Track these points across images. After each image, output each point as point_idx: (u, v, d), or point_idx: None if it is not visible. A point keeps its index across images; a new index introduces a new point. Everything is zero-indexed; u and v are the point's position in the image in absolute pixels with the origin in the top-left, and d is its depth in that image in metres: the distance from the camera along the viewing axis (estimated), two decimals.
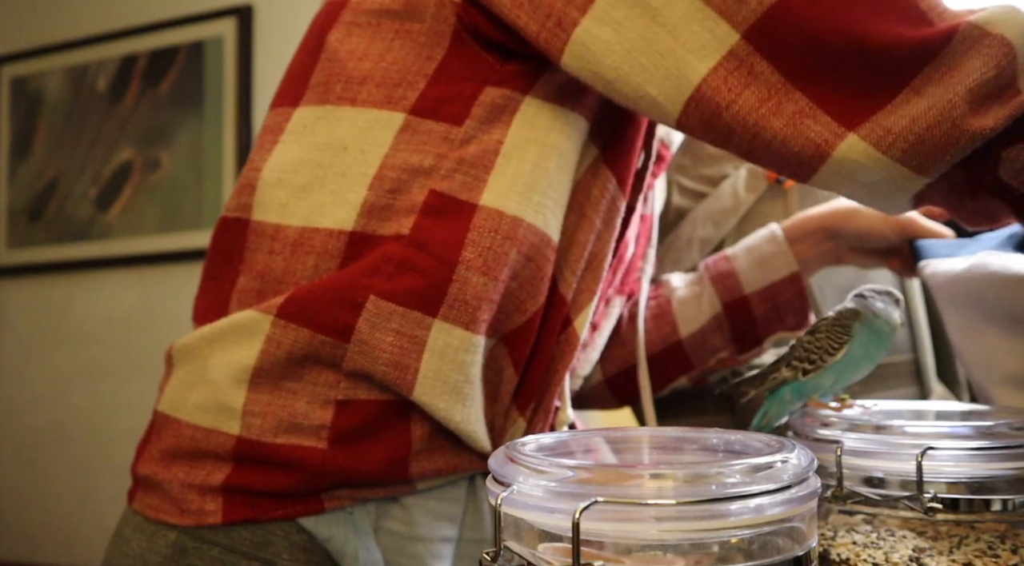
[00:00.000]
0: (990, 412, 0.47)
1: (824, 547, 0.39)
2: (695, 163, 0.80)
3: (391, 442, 0.52)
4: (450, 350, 0.50)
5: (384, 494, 0.53)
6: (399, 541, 0.54)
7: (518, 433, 0.57)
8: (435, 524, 0.55)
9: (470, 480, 0.57)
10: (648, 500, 0.27)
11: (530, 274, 0.52)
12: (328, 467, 0.50)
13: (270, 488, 0.50)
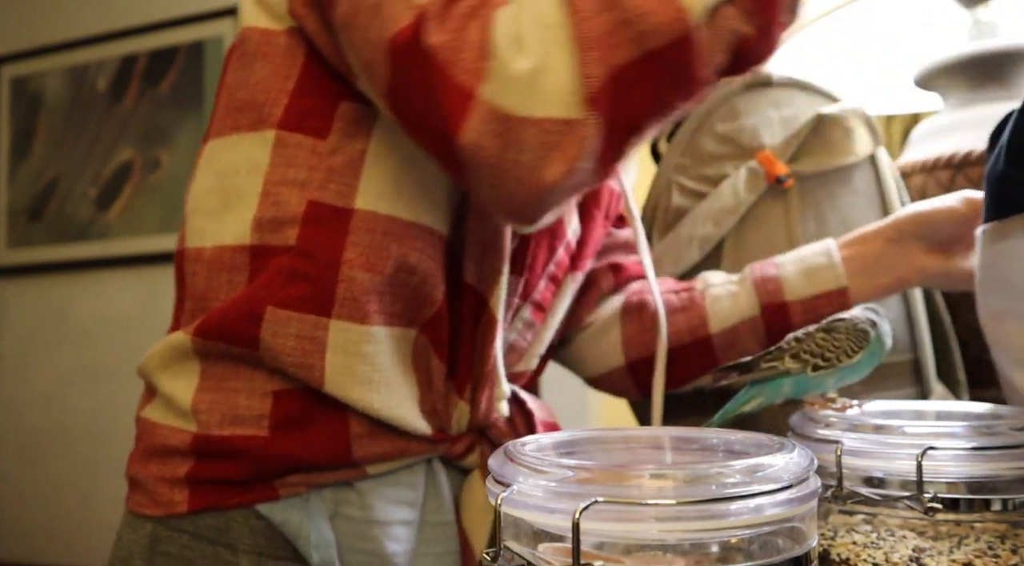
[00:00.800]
0: (990, 412, 0.48)
1: (824, 547, 0.39)
2: (695, 163, 0.80)
3: (330, 427, 0.56)
4: (351, 345, 0.55)
5: (335, 479, 0.57)
6: (356, 525, 0.57)
7: (463, 416, 0.60)
8: (392, 508, 0.59)
9: (427, 465, 0.61)
10: (648, 500, 0.27)
11: (423, 266, 0.56)
12: (272, 453, 0.55)
13: (226, 477, 0.55)
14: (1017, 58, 0.79)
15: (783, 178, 0.74)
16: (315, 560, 0.55)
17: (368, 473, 0.58)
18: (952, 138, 0.79)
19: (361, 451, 0.56)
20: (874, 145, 0.77)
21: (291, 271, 0.54)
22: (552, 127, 0.43)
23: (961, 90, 0.82)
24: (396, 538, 0.59)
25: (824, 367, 0.49)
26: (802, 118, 0.78)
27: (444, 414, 0.60)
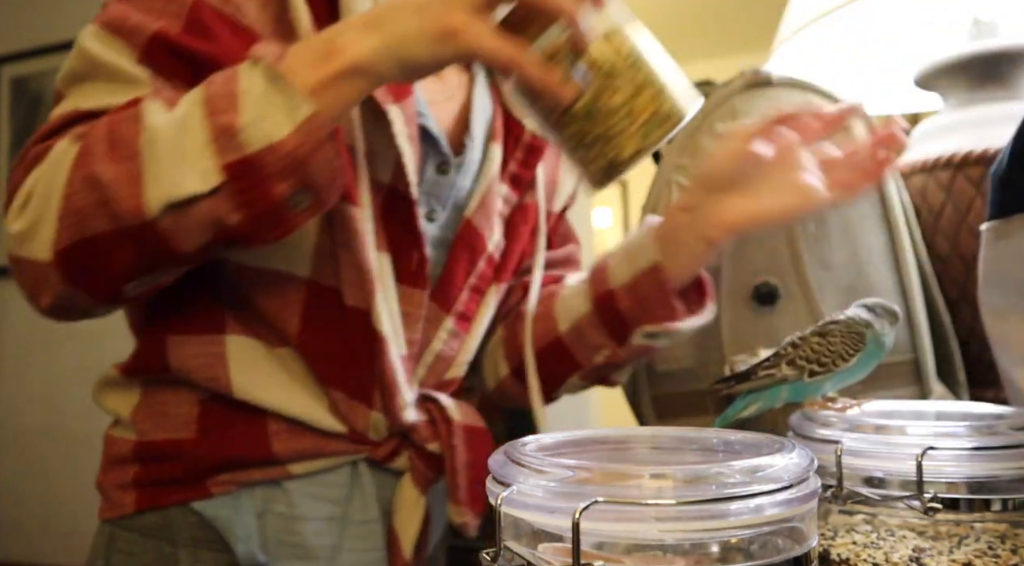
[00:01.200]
0: (990, 412, 0.47)
1: (824, 547, 0.39)
2: (695, 163, 0.80)
3: (250, 426, 0.62)
4: (250, 354, 0.62)
5: (262, 477, 0.62)
6: (283, 521, 0.63)
7: (380, 424, 0.65)
8: (317, 505, 0.64)
9: (353, 467, 0.66)
10: (648, 500, 0.27)
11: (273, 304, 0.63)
12: (201, 453, 0.61)
13: (165, 478, 0.62)
14: (1017, 58, 0.79)
15: None
16: (239, 550, 0.61)
17: (292, 472, 0.63)
18: (952, 138, 0.79)
19: (280, 447, 0.62)
20: None
21: (181, 302, 0.62)
22: (36, 267, 0.54)
23: (961, 90, 0.82)
24: (319, 532, 0.64)
25: (820, 372, 0.49)
26: None
27: (355, 420, 0.64)
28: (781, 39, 0.97)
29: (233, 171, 0.50)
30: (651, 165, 0.88)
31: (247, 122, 0.50)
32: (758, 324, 0.75)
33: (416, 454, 0.67)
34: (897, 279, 0.76)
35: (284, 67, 0.52)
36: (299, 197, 0.52)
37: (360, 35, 0.51)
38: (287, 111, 0.50)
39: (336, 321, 0.63)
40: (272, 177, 0.51)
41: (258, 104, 0.51)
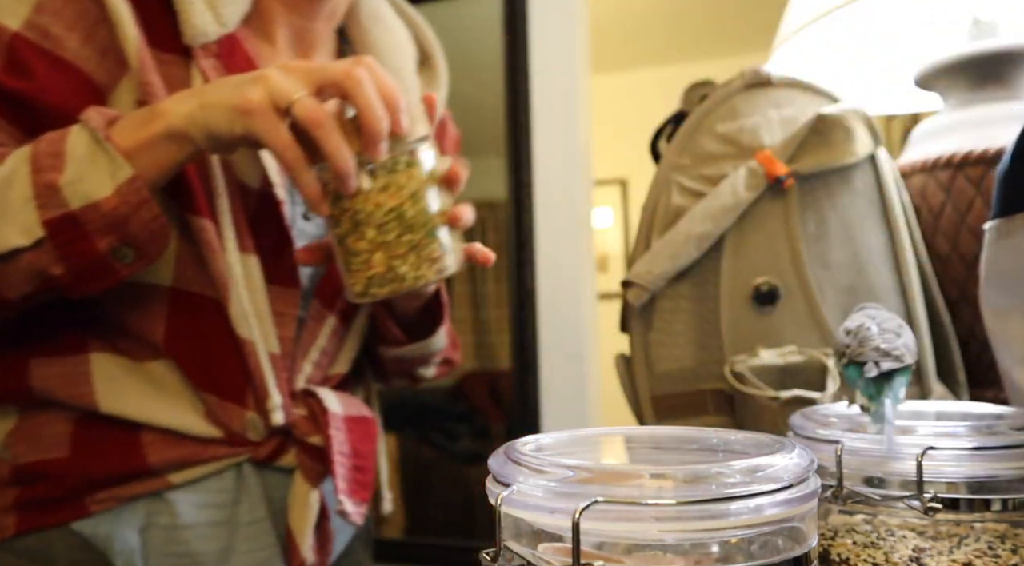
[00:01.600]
0: (990, 412, 0.47)
1: (824, 547, 0.39)
2: (694, 163, 0.80)
3: (123, 441, 0.63)
4: (115, 370, 0.63)
5: (142, 490, 0.63)
6: (167, 532, 0.63)
7: (257, 424, 0.66)
8: (201, 512, 0.65)
9: (237, 469, 0.67)
10: (648, 500, 0.27)
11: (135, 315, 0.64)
12: (75, 472, 0.62)
13: (42, 499, 0.62)
14: (1017, 58, 0.79)
15: (783, 178, 0.74)
16: (118, 565, 0.61)
17: (172, 482, 0.64)
18: (952, 138, 0.79)
19: (156, 457, 0.63)
20: (874, 145, 0.77)
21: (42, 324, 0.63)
22: None
23: (961, 90, 0.82)
24: (206, 538, 0.65)
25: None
26: (802, 118, 0.78)
27: (231, 422, 0.65)
28: (781, 39, 0.97)
29: (54, 226, 0.53)
30: (651, 165, 0.88)
31: (69, 180, 0.54)
32: (758, 324, 0.74)
33: (301, 449, 0.68)
34: (897, 279, 0.76)
35: (112, 131, 0.55)
36: (122, 252, 0.55)
37: (179, 102, 0.56)
38: (110, 172, 0.54)
39: (202, 326, 0.65)
40: (93, 233, 0.54)
41: (82, 164, 0.54)
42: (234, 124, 0.54)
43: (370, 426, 0.72)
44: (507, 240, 1.82)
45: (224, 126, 0.54)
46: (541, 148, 1.81)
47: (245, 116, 0.53)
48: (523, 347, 1.77)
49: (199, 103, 0.55)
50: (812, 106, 0.79)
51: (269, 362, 0.66)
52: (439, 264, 0.57)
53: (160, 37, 0.61)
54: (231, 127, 0.54)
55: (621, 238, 3.87)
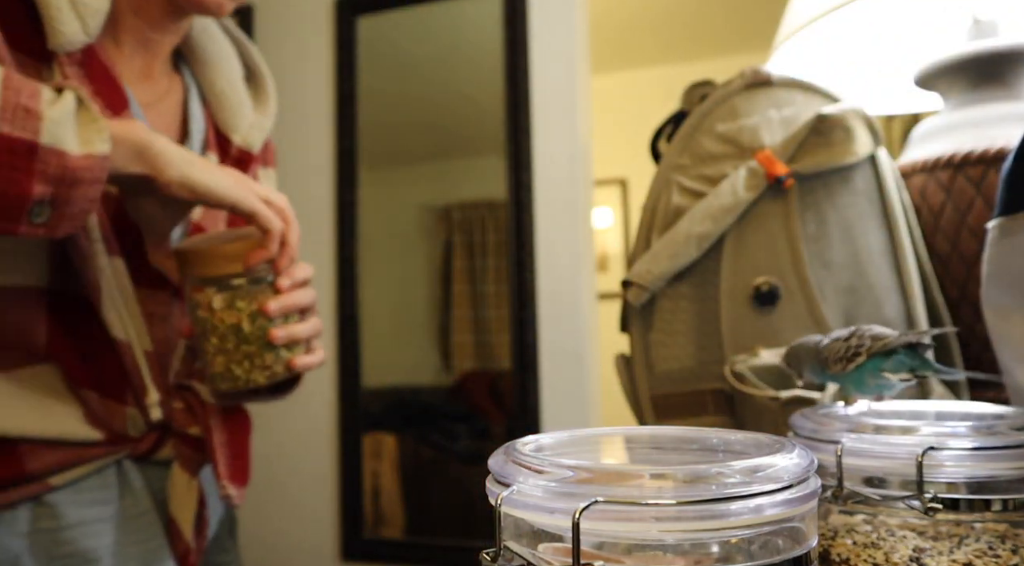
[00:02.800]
0: (990, 412, 0.47)
1: (824, 547, 0.39)
2: (695, 163, 0.80)
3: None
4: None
5: (20, 496, 0.62)
6: (52, 534, 0.63)
7: (137, 420, 0.68)
8: (85, 511, 0.65)
9: (117, 466, 0.69)
10: (648, 500, 0.27)
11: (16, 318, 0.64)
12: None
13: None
14: (1017, 58, 0.79)
15: (783, 178, 0.74)
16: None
17: (52, 485, 0.63)
18: (952, 138, 0.79)
19: (35, 463, 0.62)
20: (874, 145, 0.77)
21: None
22: None
23: (961, 90, 0.82)
24: (94, 534, 0.65)
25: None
26: (802, 118, 0.78)
27: (112, 422, 0.66)
28: (781, 39, 0.97)
29: (6, 144, 0.51)
30: (651, 165, 0.88)
31: (55, 117, 0.52)
32: (758, 324, 0.74)
33: (180, 441, 0.72)
34: (897, 279, 0.76)
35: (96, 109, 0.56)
36: (40, 208, 0.53)
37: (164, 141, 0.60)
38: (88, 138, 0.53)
39: (80, 326, 0.65)
40: (39, 174, 0.52)
41: (67, 116, 0.53)
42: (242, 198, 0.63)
43: (244, 417, 0.77)
44: (507, 240, 1.82)
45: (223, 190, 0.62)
46: (541, 148, 1.81)
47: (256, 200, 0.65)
48: (523, 347, 1.77)
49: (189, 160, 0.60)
50: (812, 106, 0.79)
51: (145, 360, 0.68)
52: (269, 371, 0.68)
53: (19, 40, 0.61)
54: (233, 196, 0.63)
55: (621, 238, 3.87)
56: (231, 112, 0.79)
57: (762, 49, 1.10)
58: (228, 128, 0.79)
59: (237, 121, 0.79)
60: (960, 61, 0.80)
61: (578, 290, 1.78)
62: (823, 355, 0.52)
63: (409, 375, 2.06)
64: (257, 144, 0.81)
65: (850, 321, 0.74)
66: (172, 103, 0.76)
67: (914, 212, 0.80)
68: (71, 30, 0.61)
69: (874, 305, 0.74)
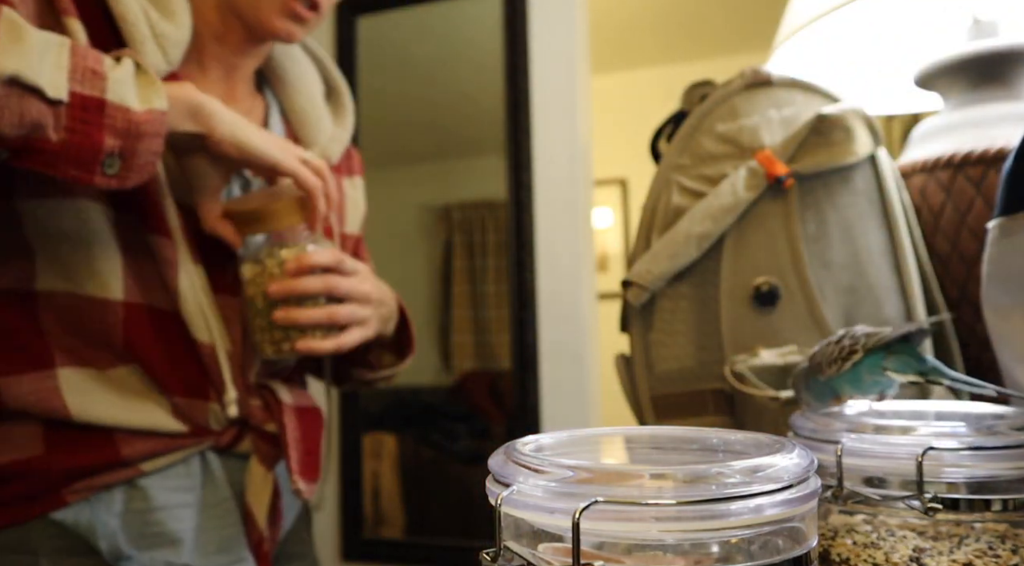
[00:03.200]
0: (990, 412, 0.47)
1: (824, 547, 0.39)
2: (695, 163, 0.80)
3: (96, 438, 0.67)
4: (83, 383, 0.67)
5: (116, 479, 0.67)
6: (143, 515, 0.69)
7: (218, 414, 0.73)
8: (172, 496, 0.70)
9: (201, 457, 0.74)
10: (648, 500, 0.27)
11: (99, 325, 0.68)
12: (51, 468, 0.65)
13: (16, 496, 0.65)
14: (1017, 58, 0.79)
15: (783, 178, 0.74)
16: (103, 548, 0.66)
17: (144, 471, 0.69)
18: (952, 138, 0.79)
19: (129, 450, 0.68)
20: (874, 145, 0.77)
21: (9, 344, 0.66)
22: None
23: (961, 90, 0.82)
24: (179, 518, 0.70)
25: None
26: (802, 118, 0.78)
27: (195, 415, 0.72)
28: (781, 39, 0.97)
29: (79, 101, 0.56)
30: (651, 165, 0.88)
31: (118, 78, 0.58)
32: (758, 324, 0.74)
33: (257, 436, 0.77)
34: (897, 279, 0.76)
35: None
36: (112, 160, 0.58)
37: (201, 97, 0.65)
38: (147, 96, 0.59)
39: (157, 334, 0.70)
40: (108, 128, 0.57)
41: (126, 76, 0.59)
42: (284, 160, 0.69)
43: (317, 416, 0.81)
44: (507, 240, 1.82)
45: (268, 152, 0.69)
46: (541, 148, 1.81)
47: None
48: (523, 347, 1.77)
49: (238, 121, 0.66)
50: (812, 106, 0.79)
51: (227, 360, 0.73)
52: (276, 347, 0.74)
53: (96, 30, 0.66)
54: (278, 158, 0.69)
55: (621, 238, 3.87)
56: (311, 128, 0.85)
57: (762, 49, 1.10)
58: (307, 143, 0.84)
59: (316, 136, 0.84)
60: (960, 61, 0.80)
61: (578, 290, 1.78)
62: (816, 361, 0.52)
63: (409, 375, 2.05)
64: (336, 155, 0.86)
65: (850, 321, 0.74)
66: (254, 121, 0.81)
67: (914, 212, 0.80)
68: (154, 61, 0.67)
69: (874, 305, 0.74)
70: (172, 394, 0.71)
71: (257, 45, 0.79)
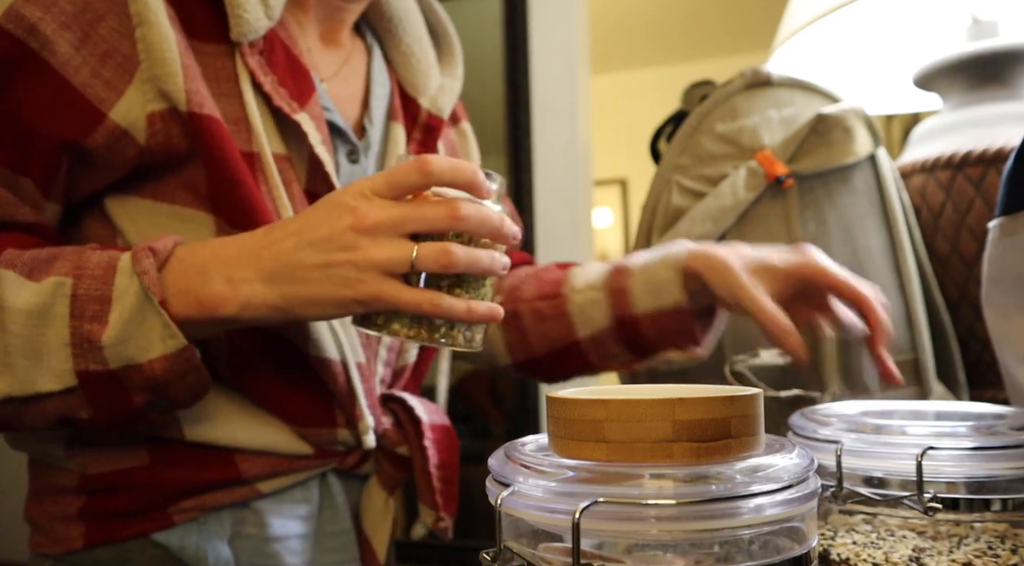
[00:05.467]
0: (990, 412, 0.47)
1: (824, 547, 0.39)
2: (695, 163, 0.80)
3: (213, 452, 0.58)
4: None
5: (230, 499, 0.58)
6: (256, 543, 0.60)
7: (347, 439, 0.62)
8: (289, 524, 0.61)
9: (321, 479, 0.64)
10: (648, 500, 0.27)
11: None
12: (159, 480, 0.57)
13: (118, 510, 0.57)
14: (1017, 58, 0.79)
15: (783, 178, 0.74)
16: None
17: (261, 491, 0.60)
18: (952, 138, 0.79)
19: (248, 467, 0.58)
20: (874, 145, 0.77)
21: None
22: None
23: (961, 90, 0.82)
24: (293, 551, 0.61)
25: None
26: (802, 118, 0.78)
27: (322, 439, 0.61)
28: (781, 39, 0.97)
29: (90, 379, 0.49)
30: (651, 165, 0.88)
31: (113, 341, 0.48)
32: None
33: (384, 457, 0.66)
34: (897, 279, 0.76)
35: (167, 287, 0.49)
36: (158, 404, 0.51)
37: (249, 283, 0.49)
38: (161, 337, 0.49)
39: (267, 354, 0.59)
40: (131, 391, 0.50)
41: (129, 324, 0.48)
42: (346, 309, 0.49)
43: (452, 436, 0.70)
44: None
45: (330, 312, 0.49)
46: (541, 148, 1.81)
47: (361, 305, 0.48)
48: None
49: (287, 295, 0.49)
50: (812, 106, 0.79)
51: (358, 375, 0.62)
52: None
53: (201, 30, 0.56)
54: (341, 311, 0.49)
55: (621, 238, 3.87)
56: (419, 72, 0.72)
57: (762, 49, 1.10)
58: (416, 90, 0.71)
59: (426, 82, 0.72)
60: (960, 61, 0.80)
61: None
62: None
63: None
64: (447, 109, 0.72)
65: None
66: (356, 68, 0.69)
67: (914, 212, 0.80)
68: (255, 16, 0.56)
69: None
70: (291, 424, 0.60)
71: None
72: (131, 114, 0.53)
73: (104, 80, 0.52)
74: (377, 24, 0.73)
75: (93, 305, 0.48)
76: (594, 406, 0.29)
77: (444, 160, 0.49)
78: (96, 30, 0.52)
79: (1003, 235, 0.54)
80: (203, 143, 0.54)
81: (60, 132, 0.52)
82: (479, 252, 0.49)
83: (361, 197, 0.48)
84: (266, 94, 0.57)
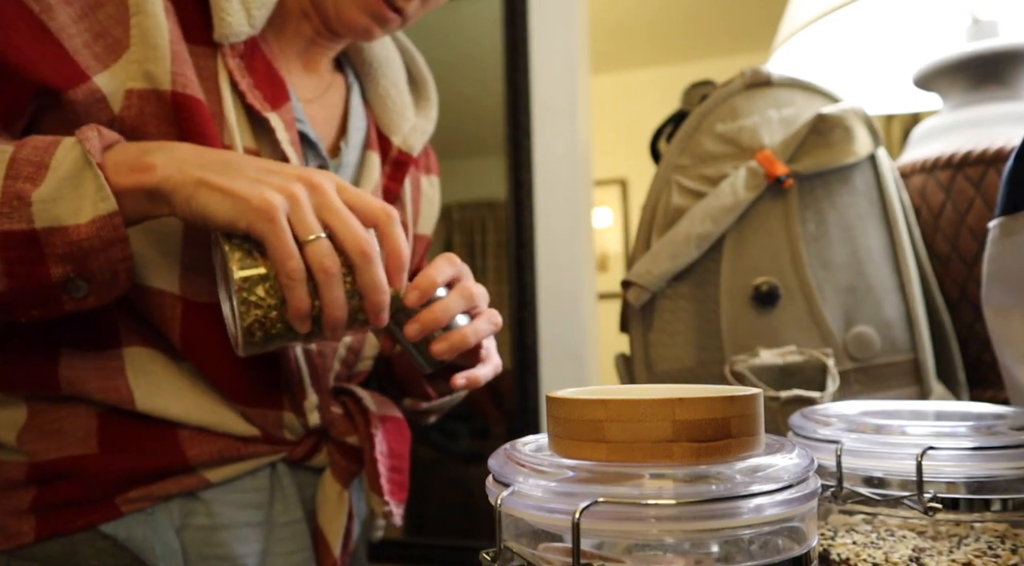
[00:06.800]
0: (990, 412, 0.47)
1: (824, 547, 0.39)
2: (695, 163, 0.80)
3: (159, 434, 0.60)
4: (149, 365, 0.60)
5: (177, 488, 0.60)
6: (204, 533, 0.61)
7: (294, 424, 0.65)
8: (239, 513, 0.63)
9: (272, 468, 0.65)
10: (648, 500, 0.27)
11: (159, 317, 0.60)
12: (106, 468, 0.58)
13: (66, 500, 0.58)
14: (1017, 58, 0.79)
15: (783, 178, 0.74)
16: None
17: (209, 480, 0.61)
18: (952, 138, 0.79)
19: (194, 452, 0.60)
20: (874, 145, 0.77)
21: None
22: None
23: (961, 90, 0.82)
24: (244, 539, 0.62)
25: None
26: (802, 118, 0.78)
27: (267, 424, 0.63)
28: (781, 39, 0.97)
29: (9, 239, 0.48)
30: (651, 165, 0.88)
31: (43, 196, 0.49)
32: (758, 324, 0.74)
33: (335, 448, 0.68)
34: (897, 279, 0.76)
35: (107, 157, 0.51)
36: (75, 284, 0.51)
37: (179, 164, 0.51)
38: (92, 200, 0.49)
39: (217, 335, 0.60)
40: (50, 258, 0.49)
41: (63, 184, 0.49)
42: (239, 219, 0.50)
43: (403, 428, 0.72)
44: (507, 240, 1.82)
45: (223, 215, 0.50)
46: (541, 148, 1.81)
47: (260, 218, 0.50)
48: (523, 347, 1.77)
49: (200, 179, 0.50)
50: (812, 106, 0.79)
51: (305, 360, 0.65)
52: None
53: (190, 30, 0.60)
54: (232, 219, 0.50)
55: (621, 238, 3.87)
56: (394, 113, 0.77)
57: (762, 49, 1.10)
58: (389, 129, 0.76)
59: (399, 123, 0.77)
60: (960, 61, 0.80)
61: (578, 290, 1.78)
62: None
63: None
64: (418, 147, 0.77)
65: (849, 321, 0.74)
66: (334, 98, 0.74)
67: (914, 212, 0.80)
68: (237, 21, 0.61)
69: (874, 305, 0.74)
70: (237, 403, 0.62)
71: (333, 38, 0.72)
72: (111, 85, 0.56)
73: (93, 53, 0.56)
74: (359, 67, 0.78)
75: (29, 168, 0.50)
76: (594, 406, 0.29)
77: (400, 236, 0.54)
78: (95, 14, 0.56)
79: (1003, 235, 0.54)
80: (185, 120, 0.57)
81: (43, 78, 0.53)
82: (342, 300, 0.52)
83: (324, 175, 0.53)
84: (241, 92, 0.61)
